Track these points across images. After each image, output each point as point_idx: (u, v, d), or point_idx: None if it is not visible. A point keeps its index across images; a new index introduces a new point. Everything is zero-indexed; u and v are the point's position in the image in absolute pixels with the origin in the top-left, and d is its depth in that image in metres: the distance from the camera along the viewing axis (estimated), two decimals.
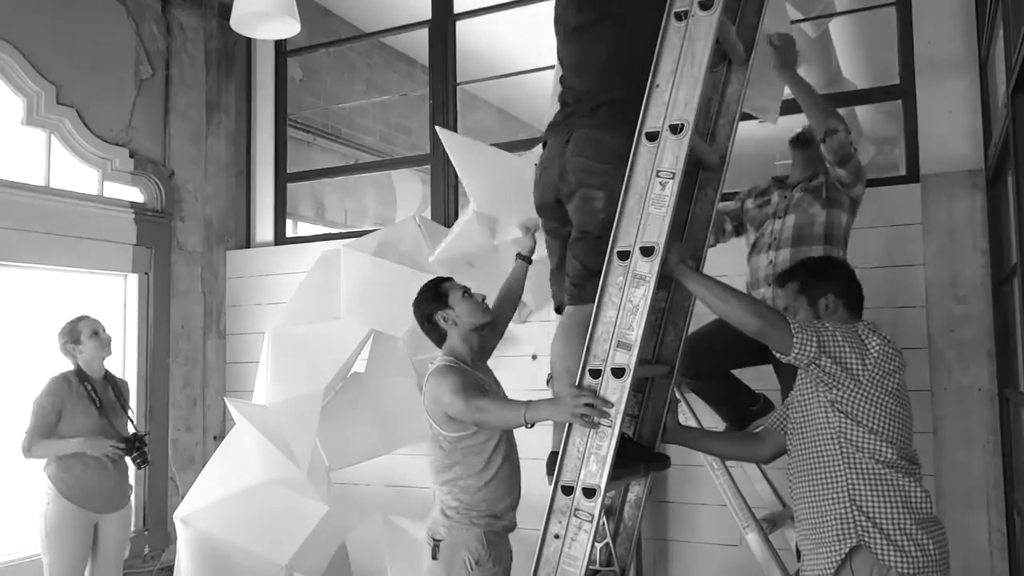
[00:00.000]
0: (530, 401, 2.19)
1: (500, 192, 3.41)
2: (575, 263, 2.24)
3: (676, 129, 2.07)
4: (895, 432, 2.02)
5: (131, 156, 4.30)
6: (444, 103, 4.42)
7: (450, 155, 3.56)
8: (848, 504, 1.99)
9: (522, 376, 3.97)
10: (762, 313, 2.03)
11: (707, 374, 2.92)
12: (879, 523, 1.96)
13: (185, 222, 4.59)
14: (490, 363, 4.05)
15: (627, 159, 2.13)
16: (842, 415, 2.02)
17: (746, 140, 2.87)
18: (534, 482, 3.73)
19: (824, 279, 2.19)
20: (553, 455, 2.19)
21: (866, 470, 1.99)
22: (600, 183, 2.19)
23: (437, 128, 3.72)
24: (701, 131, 2.40)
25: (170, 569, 4.06)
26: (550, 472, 2.14)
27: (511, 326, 3.98)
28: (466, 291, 2.58)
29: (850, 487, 1.99)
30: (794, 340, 1.98)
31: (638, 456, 2.26)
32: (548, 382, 2.52)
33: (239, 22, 3.58)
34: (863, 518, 1.97)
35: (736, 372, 2.96)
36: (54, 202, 3.93)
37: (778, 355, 2.04)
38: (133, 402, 4.36)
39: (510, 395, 3.94)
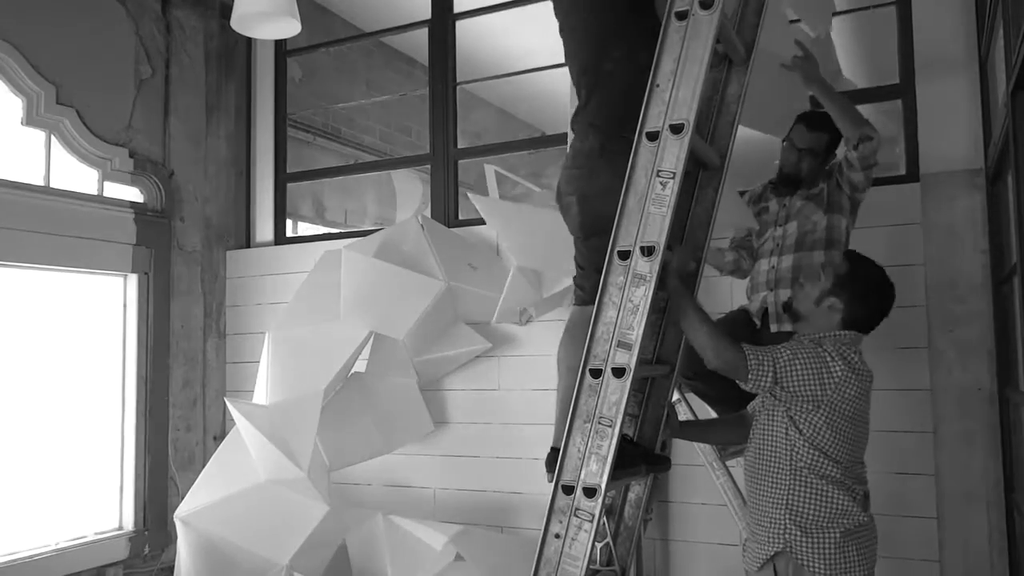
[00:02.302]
0: None
1: (539, 247, 3.58)
2: (576, 267, 2.31)
3: (676, 129, 2.07)
4: (845, 454, 2.14)
5: (131, 156, 4.29)
6: (444, 103, 4.42)
7: (485, 218, 3.70)
8: (784, 511, 2.13)
9: (522, 376, 3.97)
10: (720, 352, 2.12)
11: (707, 374, 2.91)
12: (809, 531, 2.11)
13: (185, 222, 4.59)
14: (489, 362, 4.06)
15: (594, 160, 2.22)
16: (797, 432, 2.14)
17: (747, 140, 2.87)
18: (534, 482, 3.74)
19: (844, 284, 2.22)
20: (553, 452, 2.20)
21: (809, 484, 2.13)
22: (573, 188, 2.28)
23: (470, 195, 3.82)
24: (701, 131, 2.40)
25: (170, 569, 4.07)
26: (550, 470, 2.15)
27: (513, 327, 3.99)
28: None
29: (790, 497, 2.13)
30: (749, 374, 2.10)
31: (639, 457, 2.27)
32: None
33: (239, 22, 3.58)
34: (795, 527, 2.11)
35: None
36: (54, 202, 3.92)
37: (738, 383, 2.17)
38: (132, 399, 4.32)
39: (510, 395, 3.98)
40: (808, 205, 2.82)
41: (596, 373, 2.07)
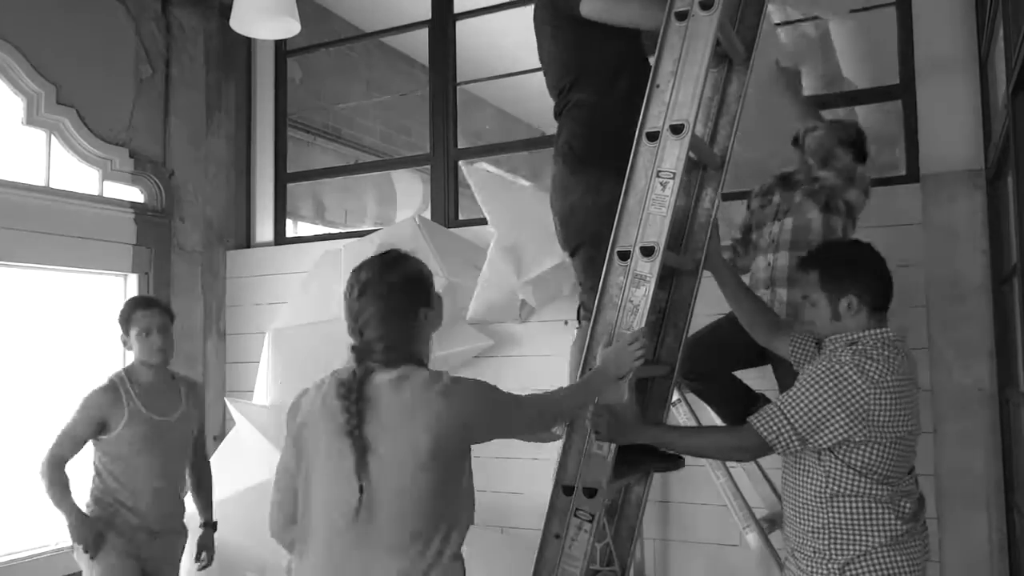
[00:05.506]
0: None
1: (524, 226, 3.51)
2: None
3: (677, 129, 2.07)
4: (891, 472, 1.90)
5: (131, 156, 4.29)
6: (444, 103, 4.42)
7: (475, 191, 3.61)
8: (828, 541, 1.91)
9: (522, 376, 3.97)
10: (732, 451, 2.15)
11: (707, 375, 2.92)
12: (857, 551, 1.89)
13: (185, 222, 4.59)
14: (489, 362, 4.05)
15: (567, 179, 2.26)
16: (832, 455, 1.90)
17: (749, 139, 2.87)
18: (534, 482, 3.74)
19: (848, 276, 2.00)
20: None
21: (850, 509, 1.90)
22: (554, 210, 2.36)
23: (462, 165, 3.75)
24: (702, 131, 2.40)
25: None
26: None
27: (513, 327, 3.98)
28: (145, 330, 2.87)
29: (831, 525, 1.91)
30: (774, 443, 1.89)
31: (644, 454, 2.28)
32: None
33: (239, 22, 3.58)
34: (838, 552, 1.90)
35: (736, 372, 2.96)
36: (54, 202, 3.92)
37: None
38: None
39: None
40: (807, 201, 2.78)
41: None
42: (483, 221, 3.99)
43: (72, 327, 4.13)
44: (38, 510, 3.86)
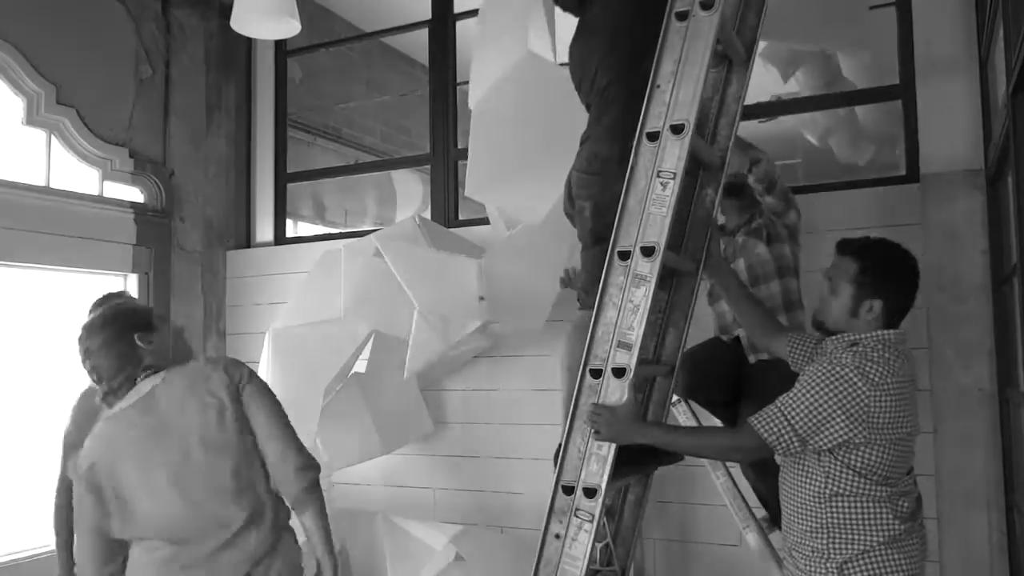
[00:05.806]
0: None
1: (444, 293, 3.49)
2: (582, 272, 2.31)
3: (677, 129, 2.07)
4: (891, 472, 1.91)
5: (131, 156, 4.29)
6: (444, 103, 4.42)
7: (387, 260, 3.55)
8: (827, 540, 1.92)
9: (521, 376, 3.97)
10: (731, 451, 2.12)
11: (706, 373, 2.93)
12: (855, 550, 1.90)
13: (185, 222, 4.59)
14: (489, 362, 4.06)
15: (612, 167, 2.20)
16: (832, 456, 1.91)
17: (749, 140, 2.88)
18: (534, 482, 3.74)
19: (884, 281, 1.99)
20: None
21: (849, 509, 1.91)
22: (588, 194, 2.27)
23: (375, 238, 3.70)
24: (702, 131, 2.41)
25: None
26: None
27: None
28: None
29: (830, 524, 1.92)
30: (774, 444, 1.88)
31: (644, 453, 2.27)
32: None
33: (239, 22, 3.58)
34: (837, 551, 1.91)
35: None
36: (54, 202, 3.92)
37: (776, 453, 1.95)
38: None
39: (510, 395, 3.97)
40: (749, 240, 2.88)
41: (596, 373, 2.07)
42: (484, 221, 4.00)
43: (72, 328, 4.12)
44: (39, 510, 3.87)
